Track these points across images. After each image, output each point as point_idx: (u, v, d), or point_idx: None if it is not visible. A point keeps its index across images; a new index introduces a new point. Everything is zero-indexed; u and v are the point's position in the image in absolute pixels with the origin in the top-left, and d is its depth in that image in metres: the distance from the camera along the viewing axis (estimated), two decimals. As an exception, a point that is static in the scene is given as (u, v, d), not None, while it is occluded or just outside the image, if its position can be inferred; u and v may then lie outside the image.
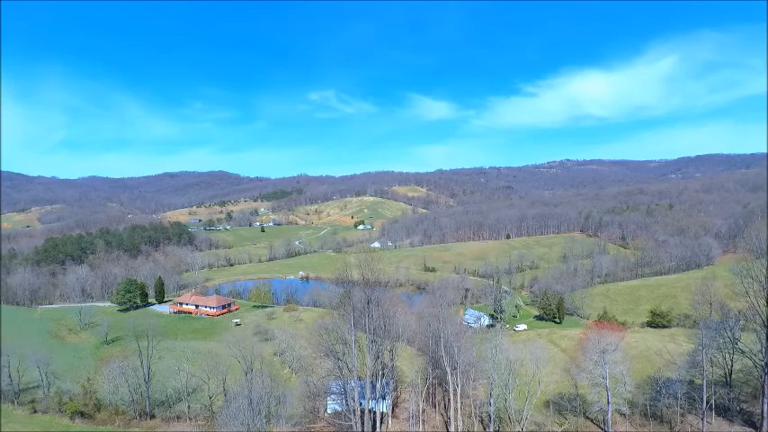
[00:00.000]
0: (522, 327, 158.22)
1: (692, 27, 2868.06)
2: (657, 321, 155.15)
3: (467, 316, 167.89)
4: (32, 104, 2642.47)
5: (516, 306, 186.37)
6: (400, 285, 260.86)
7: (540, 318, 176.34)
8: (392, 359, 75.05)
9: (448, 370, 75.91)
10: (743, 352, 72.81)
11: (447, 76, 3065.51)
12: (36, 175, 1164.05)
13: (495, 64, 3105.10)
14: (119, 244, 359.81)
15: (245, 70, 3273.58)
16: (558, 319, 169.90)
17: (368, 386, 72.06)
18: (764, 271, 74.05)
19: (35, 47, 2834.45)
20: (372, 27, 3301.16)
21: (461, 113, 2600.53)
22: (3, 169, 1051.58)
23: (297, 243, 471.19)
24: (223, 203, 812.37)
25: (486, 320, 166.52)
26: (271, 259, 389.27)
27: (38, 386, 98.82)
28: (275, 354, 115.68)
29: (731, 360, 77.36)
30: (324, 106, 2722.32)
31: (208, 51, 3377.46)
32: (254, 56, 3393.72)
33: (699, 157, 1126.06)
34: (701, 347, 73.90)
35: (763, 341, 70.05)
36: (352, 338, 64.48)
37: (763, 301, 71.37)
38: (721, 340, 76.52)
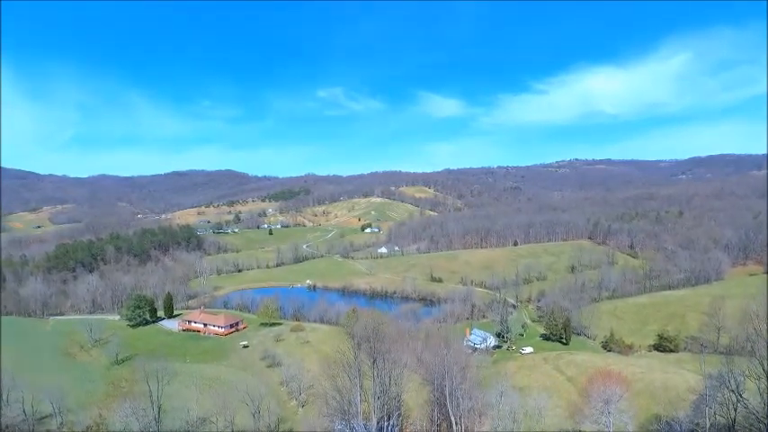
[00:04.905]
0: (529, 349, 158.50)
1: (707, 23, 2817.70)
2: (664, 345, 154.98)
3: (473, 336, 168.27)
4: (44, 102, 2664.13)
5: (523, 325, 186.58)
6: (407, 297, 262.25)
7: (546, 337, 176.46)
8: (398, 407, 75.88)
9: (453, 418, 76.75)
10: (746, 407, 72.75)
11: (456, 73, 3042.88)
12: (47, 173, 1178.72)
13: (505, 61, 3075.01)
14: (128, 249, 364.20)
15: (254, 68, 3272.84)
16: (564, 340, 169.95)
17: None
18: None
19: (46, 46, 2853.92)
20: (381, 24, 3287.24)
21: (470, 111, 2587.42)
22: (15, 167, 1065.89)
23: (304, 247, 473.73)
24: (231, 203, 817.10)
25: (492, 341, 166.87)
26: (278, 264, 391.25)
27: (51, 416, 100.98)
28: (282, 383, 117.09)
29: (734, 411, 77.33)
30: (332, 104, 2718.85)
31: (216, 49, 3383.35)
32: (262, 53, 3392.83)
33: (710, 158, 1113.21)
34: (704, 403, 74.01)
35: (764, 395, 70.19)
36: (358, 399, 65.37)
37: (765, 351, 71.46)
38: (726, 391, 76.40)
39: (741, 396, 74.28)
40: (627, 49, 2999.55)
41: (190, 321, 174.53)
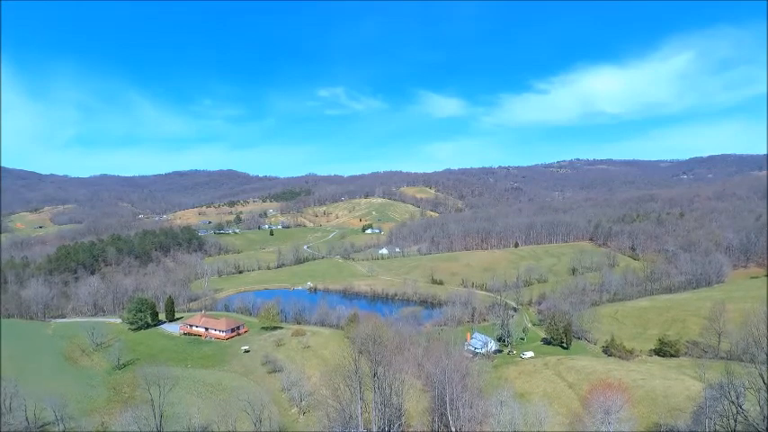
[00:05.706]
0: (529, 354, 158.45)
1: (709, 22, 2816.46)
2: (665, 350, 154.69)
3: (474, 340, 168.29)
4: (46, 102, 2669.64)
5: (524, 329, 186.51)
6: (408, 300, 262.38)
7: (547, 341, 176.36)
8: (399, 417, 76.06)
9: (453, 427, 76.88)
10: (746, 419, 72.85)
11: (458, 72, 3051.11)
12: (48, 173, 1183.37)
13: (506, 60, 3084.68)
14: (130, 250, 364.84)
15: (255, 67, 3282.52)
16: (565, 344, 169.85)
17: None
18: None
19: (48, 46, 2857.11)
20: (383, 24, 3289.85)
21: (471, 110, 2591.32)
22: (16, 167, 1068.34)
23: (305, 248, 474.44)
24: (232, 204, 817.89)
25: (493, 345, 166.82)
26: (279, 266, 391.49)
27: (52, 423, 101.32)
28: (282, 389, 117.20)
29: (734, 422, 77.41)
30: (333, 103, 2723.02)
31: (218, 49, 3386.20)
32: (263, 53, 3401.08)
33: (711, 158, 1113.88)
34: (704, 414, 74.12)
35: (764, 407, 70.31)
36: (359, 410, 65.56)
37: (765, 361, 71.57)
38: (726, 402, 76.45)
39: (741, 408, 74.41)
40: (628, 48, 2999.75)
41: (191, 325, 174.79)
